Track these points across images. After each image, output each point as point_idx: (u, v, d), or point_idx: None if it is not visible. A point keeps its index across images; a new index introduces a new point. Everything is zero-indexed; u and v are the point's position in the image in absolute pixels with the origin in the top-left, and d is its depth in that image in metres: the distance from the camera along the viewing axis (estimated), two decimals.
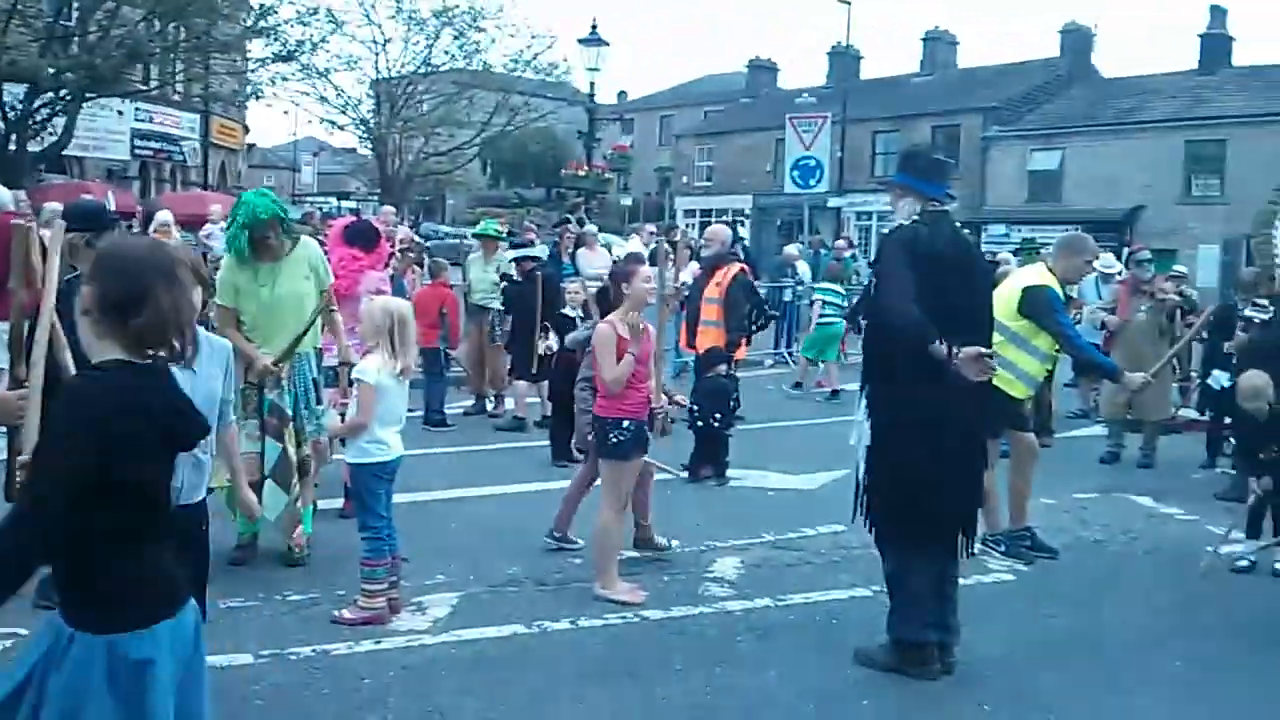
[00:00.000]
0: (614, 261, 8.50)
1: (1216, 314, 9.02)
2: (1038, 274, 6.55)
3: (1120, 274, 12.05)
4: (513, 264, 10.68)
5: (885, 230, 4.84)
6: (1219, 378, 8.92)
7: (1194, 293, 12.89)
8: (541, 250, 12.39)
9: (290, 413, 5.85)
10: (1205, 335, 9.26)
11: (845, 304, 13.38)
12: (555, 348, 8.91)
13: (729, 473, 8.29)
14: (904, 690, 4.63)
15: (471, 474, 8.38)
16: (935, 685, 4.69)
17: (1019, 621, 5.54)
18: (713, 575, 6.09)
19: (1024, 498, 6.65)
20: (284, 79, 29.28)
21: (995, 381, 6.29)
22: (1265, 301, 7.71)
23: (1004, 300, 6.46)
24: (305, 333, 5.65)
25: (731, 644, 5.15)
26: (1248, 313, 7.88)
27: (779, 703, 4.51)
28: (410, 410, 5.70)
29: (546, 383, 9.68)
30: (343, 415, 5.67)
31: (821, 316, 13.20)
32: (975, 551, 5.09)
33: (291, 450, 5.79)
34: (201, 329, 3.70)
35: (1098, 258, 8.31)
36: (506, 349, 10.59)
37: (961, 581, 5.84)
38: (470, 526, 6.97)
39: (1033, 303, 6.27)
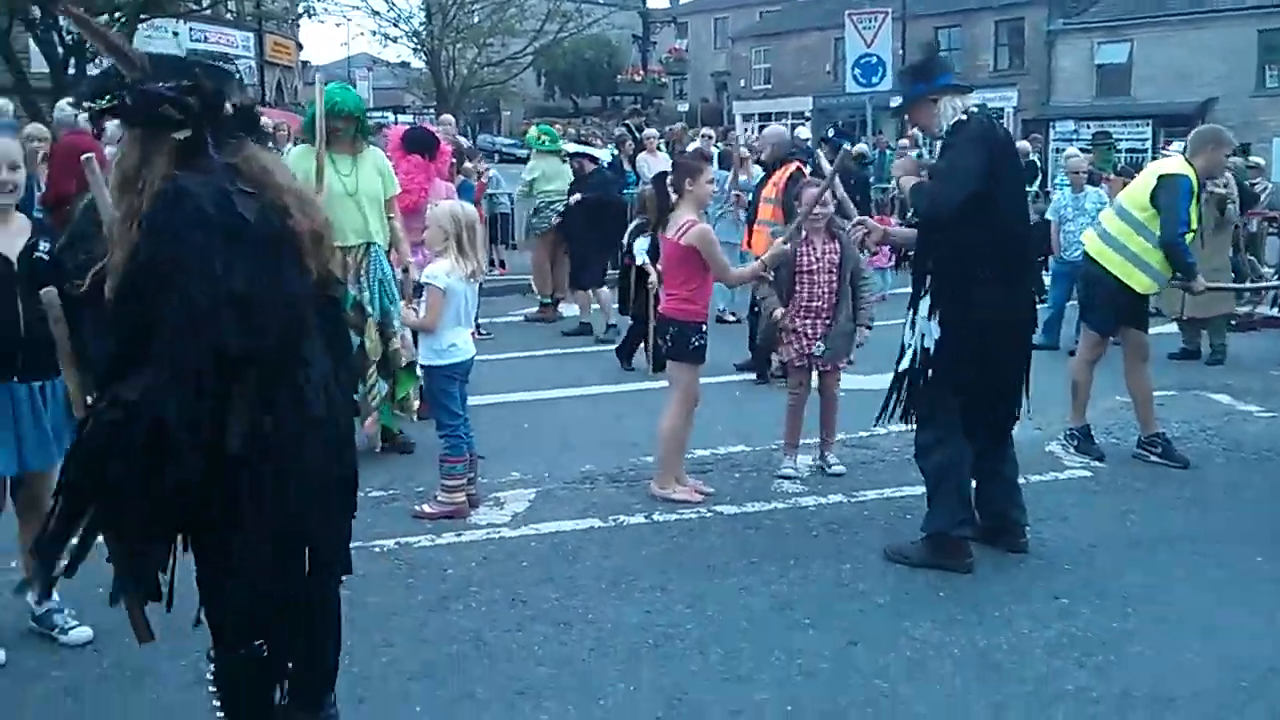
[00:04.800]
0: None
1: None
2: (1178, 164, 6.40)
3: None
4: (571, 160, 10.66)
5: (949, 125, 4.74)
6: None
7: (1269, 185, 12.52)
8: (605, 153, 12.28)
9: (370, 308, 5.94)
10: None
11: None
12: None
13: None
14: (978, 584, 4.62)
15: (540, 378, 8.46)
16: (1012, 577, 4.70)
17: (1098, 518, 5.49)
18: (785, 474, 6.10)
19: (1148, 399, 6.51)
20: None
21: (1115, 272, 6.21)
22: None
23: (1138, 188, 6.39)
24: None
25: (806, 538, 5.17)
26: None
27: (855, 593, 4.53)
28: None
29: (613, 291, 9.68)
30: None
31: None
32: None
33: (369, 343, 5.88)
34: None
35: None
36: (569, 256, 10.61)
37: (1039, 478, 5.89)
38: (543, 427, 7.06)
39: (1168, 189, 6.13)
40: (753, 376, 8.39)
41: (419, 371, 5.83)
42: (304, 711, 2.82)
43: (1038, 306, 5.31)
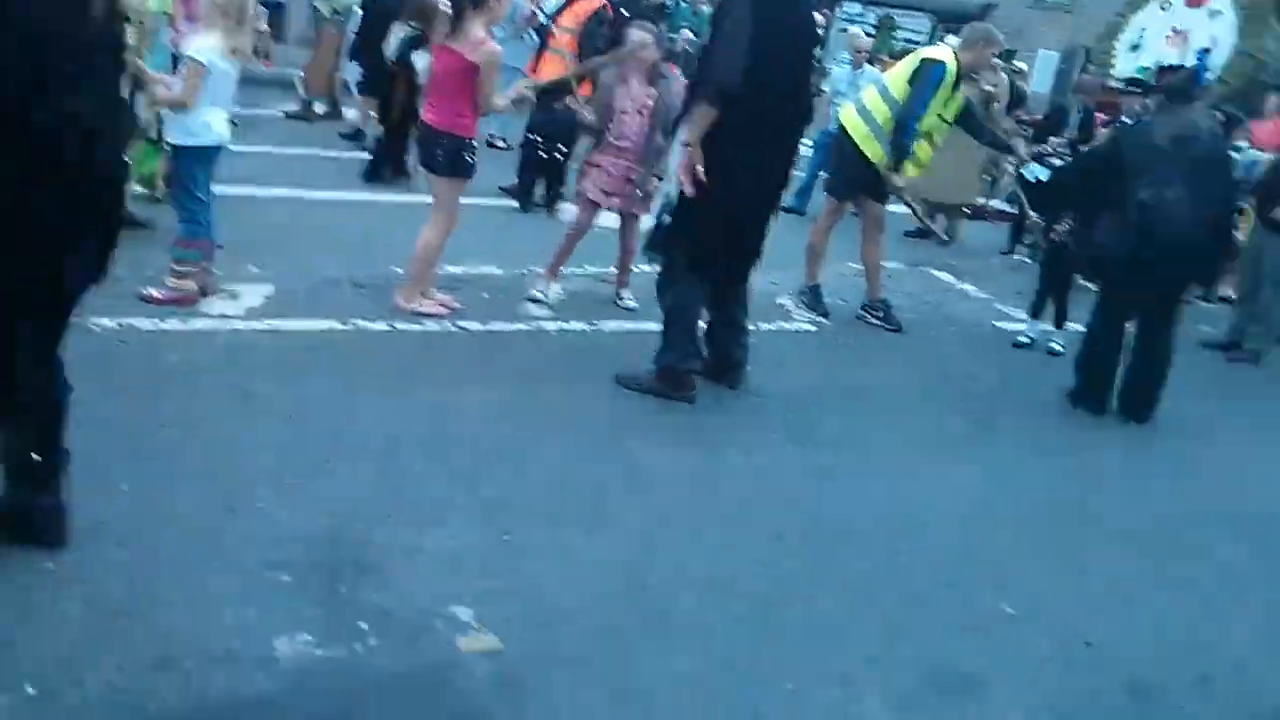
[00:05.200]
0: None
1: (1048, 115, 9.40)
2: (943, 52, 6.74)
3: None
4: None
5: None
6: (1035, 170, 9.33)
7: (1029, 91, 13.28)
8: None
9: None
10: (1033, 133, 9.64)
11: None
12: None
13: (560, 205, 8.28)
14: (698, 414, 4.89)
15: (295, 177, 8.14)
16: (729, 411, 5.00)
17: (814, 368, 5.89)
18: (533, 297, 6.18)
19: (878, 268, 6.93)
20: None
21: (859, 142, 6.51)
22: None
23: (902, 69, 6.74)
24: None
25: (544, 359, 5.31)
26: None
27: (583, 411, 4.71)
28: None
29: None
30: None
31: None
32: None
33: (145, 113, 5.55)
34: None
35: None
36: (353, 59, 10.13)
37: (767, 326, 6.21)
38: (291, 227, 6.84)
39: (922, 74, 6.45)
40: (515, 204, 8.37)
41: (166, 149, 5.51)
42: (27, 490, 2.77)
43: (792, 172, 5.47)
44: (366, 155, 8.90)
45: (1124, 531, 4.44)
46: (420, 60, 8.00)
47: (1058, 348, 6.83)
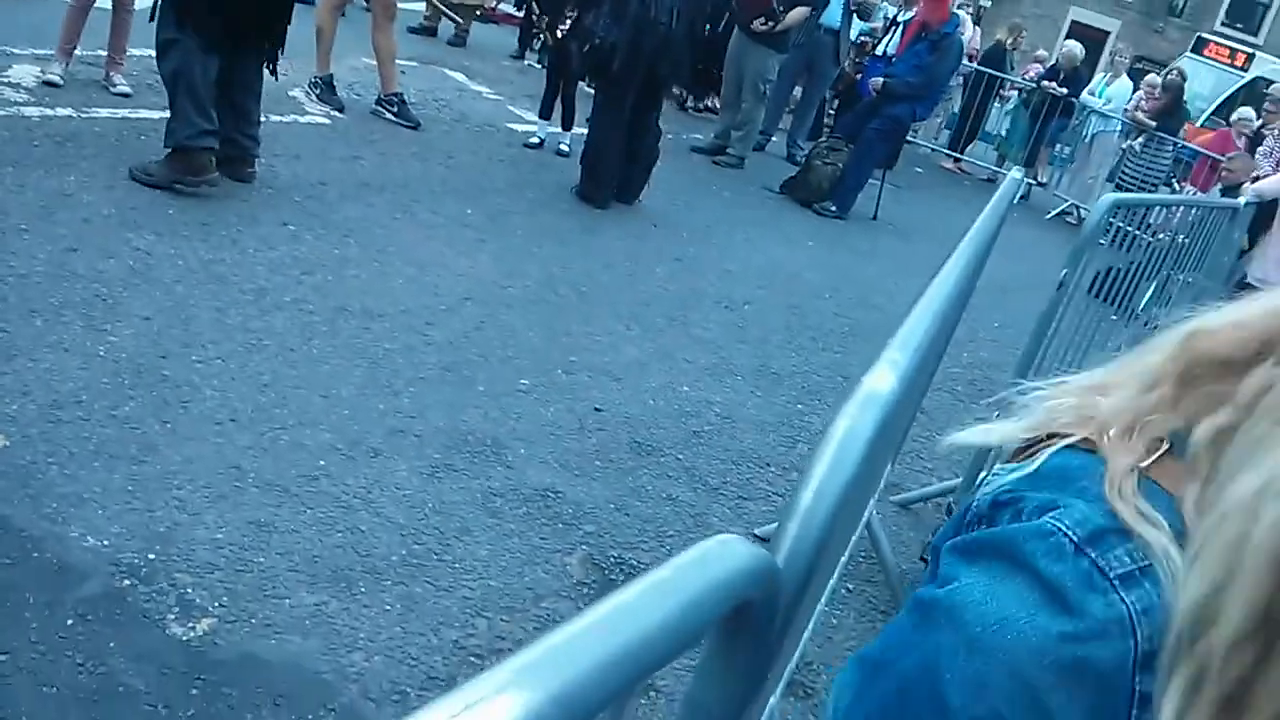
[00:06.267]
0: None
1: None
2: None
3: None
4: None
5: None
6: None
7: None
8: None
9: None
10: None
11: None
12: None
13: None
14: (208, 205, 4.67)
15: None
16: (243, 202, 4.81)
17: (330, 161, 5.77)
18: (7, 81, 5.45)
19: (391, 59, 6.74)
20: None
21: None
22: None
23: None
24: None
25: (27, 147, 4.75)
26: None
27: (78, 204, 4.32)
28: None
29: None
30: None
31: None
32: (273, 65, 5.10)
33: None
34: None
35: None
36: None
37: (280, 119, 5.98)
38: None
39: None
40: None
41: None
42: None
43: None
44: None
45: (630, 305, 4.91)
46: None
47: (564, 148, 7.20)
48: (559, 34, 6.44)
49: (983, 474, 3.70)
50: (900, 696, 0.72)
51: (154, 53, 4.72)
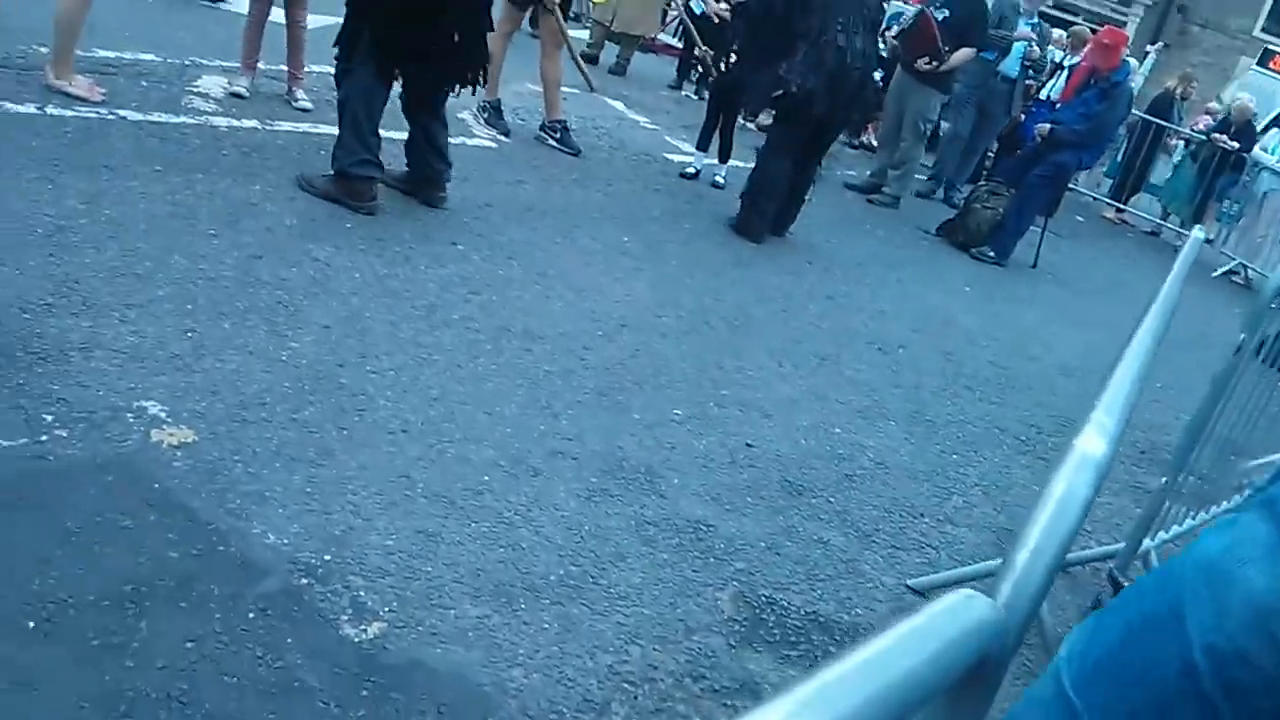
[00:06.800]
0: None
1: None
2: None
3: None
4: None
5: None
6: (698, 2, 9.67)
7: None
8: None
9: None
10: None
11: None
12: None
13: None
14: (384, 223, 4.85)
15: None
16: (416, 221, 4.98)
17: (496, 184, 5.93)
18: (198, 91, 5.77)
19: (556, 85, 6.92)
20: None
21: None
22: None
23: None
24: None
25: (215, 155, 5.01)
26: None
27: (262, 212, 4.53)
28: None
29: None
30: None
31: None
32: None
33: None
34: None
35: None
36: None
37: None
38: None
39: None
40: None
41: None
42: None
43: None
44: None
45: (782, 341, 4.90)
46: None
47: (720, 180, 7.24)
48: (723, 68, 6.49)
49: (1146, 540, 3.55)
50: (1144, 620, 0.79)
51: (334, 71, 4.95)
